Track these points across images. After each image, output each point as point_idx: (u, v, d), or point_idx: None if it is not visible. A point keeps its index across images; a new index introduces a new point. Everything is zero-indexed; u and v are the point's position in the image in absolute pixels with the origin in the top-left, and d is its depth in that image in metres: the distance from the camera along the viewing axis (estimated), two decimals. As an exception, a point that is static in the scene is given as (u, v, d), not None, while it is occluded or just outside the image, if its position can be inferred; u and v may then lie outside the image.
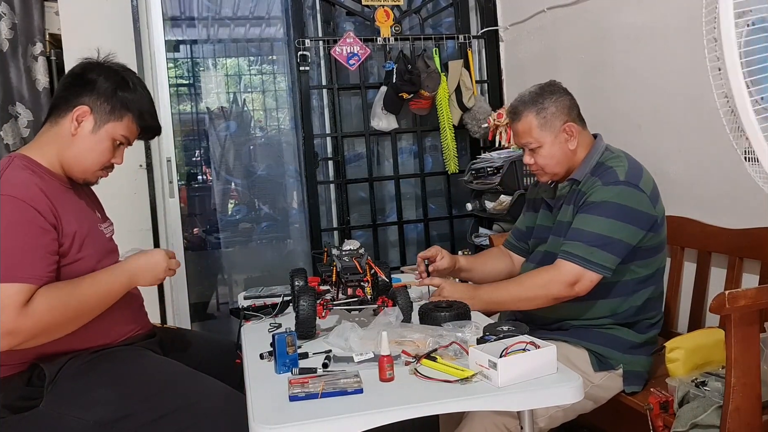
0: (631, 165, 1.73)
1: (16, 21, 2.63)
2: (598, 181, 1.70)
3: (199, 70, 3.77)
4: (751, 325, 1.43)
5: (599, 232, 1.64)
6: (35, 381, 1.40)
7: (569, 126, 1.76)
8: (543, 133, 1.76)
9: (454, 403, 1.18)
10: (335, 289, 1.65)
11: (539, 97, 1.78)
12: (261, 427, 1.09)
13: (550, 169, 1.79)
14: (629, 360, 1.74)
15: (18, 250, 1.30)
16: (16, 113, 2.66)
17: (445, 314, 1.54)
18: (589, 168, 1.76)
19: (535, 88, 1.83)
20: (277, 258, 3.63)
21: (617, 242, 1.64)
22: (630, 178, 1.68)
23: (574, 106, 1.81)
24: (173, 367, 1.51)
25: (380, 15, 3.15)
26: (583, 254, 1.63)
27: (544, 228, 1.86)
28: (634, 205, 1.66)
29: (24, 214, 1.33)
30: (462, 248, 3.25)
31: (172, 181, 2.81)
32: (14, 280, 1.27)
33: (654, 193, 1.72)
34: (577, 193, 1.75)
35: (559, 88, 1.82)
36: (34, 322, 1.29)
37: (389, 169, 3.36)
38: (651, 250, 1.73)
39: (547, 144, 1.77)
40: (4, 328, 1.25)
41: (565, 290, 1.65)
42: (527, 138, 1.79)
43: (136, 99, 1.54)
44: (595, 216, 1.66)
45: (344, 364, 1.32)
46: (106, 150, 1.51)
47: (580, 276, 1.63)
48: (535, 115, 1.76)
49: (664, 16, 2.21)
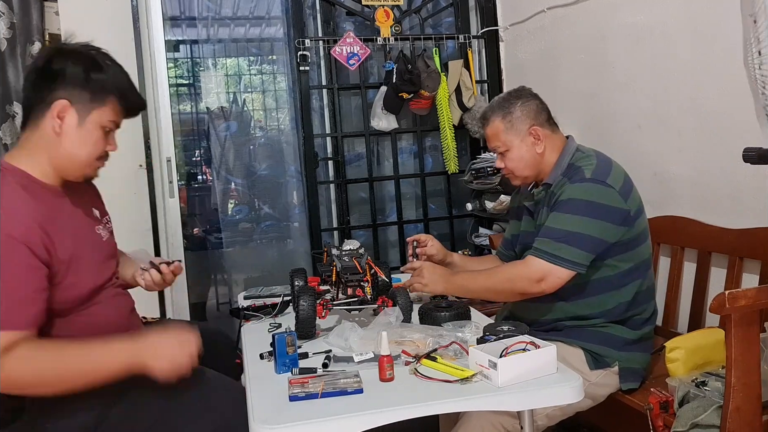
0: (599, 162, 1.75)
1: (14, 20, 2.62)
2: (568, 180, 1.73)
3: (199, 70, 3.78)
4: (751, 325, 1.43)
5: (567, 228, 1.65)
6: None
7: (534, 129, 1.80)
8: (509, 136, 1.81)
9: (454, 403, 1.18)
10: (335, 289, 1.65)
11: (506, 102, 1.83)
12: (261, 427, 1.10)
13: (519, 172, 1.84)
14: (625, 357, 1.75)
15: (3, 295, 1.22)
16: (14, 113, 2.65)
17: (445, 314, 1.54)
18: (561, 170, 1.78)
19: (504, 94, 1.90)
20: (277, 258, 3.63)
21: (586, 237, 1.65)
22: (597, 175, 1.70)
23: (542, 110, 1.84)
24: None
25: (380, 15, 3.15)
26: (550, 250, 1.65)
27: (528, 234, 1.89)
28: (602, 201, 1.67)
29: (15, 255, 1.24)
30: (462, 248, 3.25)
31: (172, 181, 2.81)
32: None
33: (625, 188, 1.73)
34: (551, 195, 1.77)
35: (526, 93, 1.86)
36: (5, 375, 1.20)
37: (389, 169, 3.36)
38: (628, 243, 1.74)
39: (515, 147, 1.81)
40: None
41: (531, 286, 1.66)
42: (495, 142, 1.84)
43: (112, 78, 1.41)
44: (563, 213, 1.68)
45: (344, 364, 1.33)
46: (97, 141, 1.40)
47: (547, 272, 1.64)
48: (501, 120, 1.82)
49: (664, 16, 2.21)
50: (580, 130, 2.71)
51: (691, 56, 2.12)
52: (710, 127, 2.07)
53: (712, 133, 2.07)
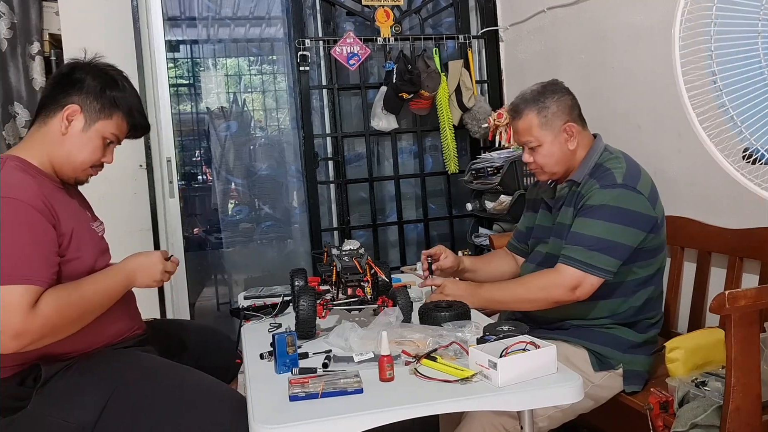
0: (629, 167, 1.73)
1: (15, 20, 2.63)
2: (596, 184, 1.70)
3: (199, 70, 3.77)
4: (751, 325, 1.43)
5: (599, 235, 1.64)
6: (29, 382, 1.40)
7: (570, 126, 1.76)
8: (543, 132, 1.76)
9: (454, 403, 1.18)
10: (335, 289, 1.65)
11: (541, 96, 1.77)
12: (261, 427, 1.09)
13: (549, 168, 1.79)
14: (629, 360, 1.74)
15: (21, 251, 1.30)
16: (15, 113, 2.65)
17: (445, 314, 1.54)
18: (588, 169, 1.75)
19: (537, 86, 1.82)
20: (277, 258, 3.63)
21: (617, 245, 1.64)
22: (628, 181, 1.68)
23: (575, 106, 1.80)
24: (160, 367, 1.50)
25: (380, 15, 3.15)
26: (583, 258, 1.63)
27: (544, 228, 1.86)
28: (633, 208, 1.66)
29: (25, 215, 1.33)
30: (462, 248, 3.24)
31: (172, 181, 2.81)
32: (20, 281, 1.27)
33: (653, 194, 1.72)
34: (576, 195, 1.75)
35: (561, 88, 1.81)
36: (43, 324, 1.29)
37: (389, 169, 3.36)
38: (652, 251, 1.73)
39: (547, 143, 1.76)
40: (12, 329, 1.25)
41: (566, 294, 1.65)
42: (527, 136, 1.78)
43: (125, 97, 1.54)
44: (594, 220, 1.66)
45: (344, 364, 1.32)
46: (96, 148, 1.51)
47: (581, 280, 1.64)
48: (536, 114, 1.76)
49: (664, 16, 2.21)
50: (580, 130, 2.72)
51: (691, 56, 2.12)
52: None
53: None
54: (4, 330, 1.25)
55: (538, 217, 1.91)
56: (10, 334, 1.26)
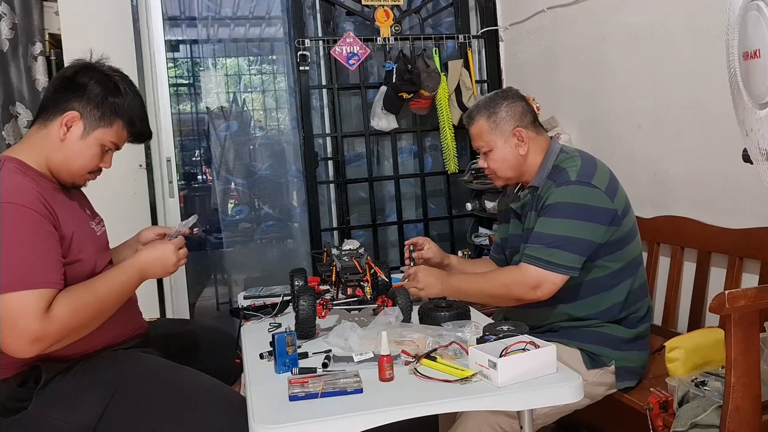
0: (584, 163, 1.75)
1: (16, 21, 2.63)
2: (553, 184, 1.73)
3: (199, 70, 3.77)
4: (751, 325, 1.43)
5: (557, 233, 1.65)
6: (29, 383, 1.40)
7: (518, 131, 1.80)
8: (493, 136, 1.81)
9: (453, 402, 1.18)
10: (335, 289, 1.65)
11: (492, 102, 1.83)
12: (261, 427, 1.10)
13: (501, 173, 1.84)
14: (621, 356, 1.75)
15: (29, 256, 1.29)
16: (16, 113, 2.66)
17: (445, 314, 1.54)
18: (546, 172, 1.78)
19: (491, 93, 1.90)
20: (277, 258, 3.63)
21: (577, 241, 1.65)
22: (582, 177, 1.70)
23: (527, 112, 1.84)
24: (160, 367, 1.50)
25: (380, 15, 3.15)
26: (543, 256, 1.65)
27: (516, 237, 1.89)
28: (589, 202, 1.67)
29: (28, 219, 1.32)
30: (462, 248, 3.25)
31: (172, 181, 2.81)
32: (32, 286, 1.27)
33: (611, 188, 1.73)
34: (537, 198, 1.78)
35: (513, 94, 1.86)
36: (60, 326, 1.29)
37: (389, 169, 3.36)
38: (618, 243, 1.74)
39: (498, 148, 1.81)
40: (31, 335, 1.25)
41: (527, 293, 1.66)
42: (479, 141, 1.85)
43: (127, 105, 1.51)
44: (551, 218, 1.68)
45: (344, 363, 1.33)
46: (94, 156, 1.49)
47: (542, 279, 1.65)
48: (486, 119, 1.82)
49: (664, 16, 2.21)
50: (580, 130, 2.72)
51: (691, 56, 2.12)
52: (710, 127, 2.07)
53: (711, 133, 2.07)
54: (23, 335, 1.25)
55: (510, 227, 1.94)
56: (29, 339, 1.26)
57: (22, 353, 1.27)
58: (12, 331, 1.26)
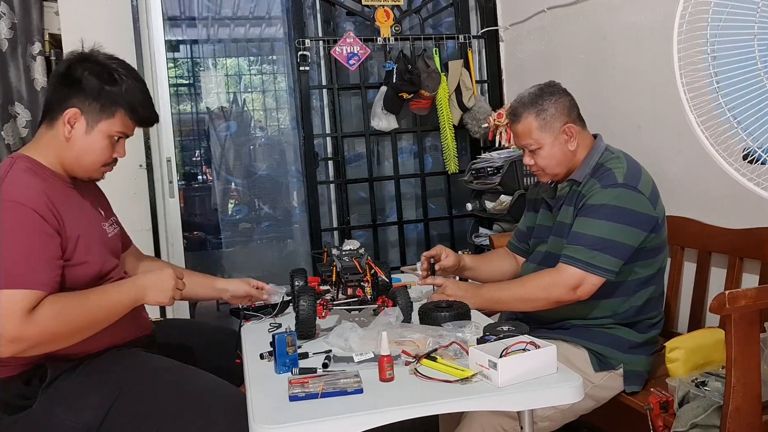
0: (630, 166, 1.73)
1: (15, 21, 2.63)
2: (597, 183, 1.70)
3: (199, 70, 3.78)
4: (751, 325, 1.43)
5: (600, 235, 1.64)
6: (34, 381, 1.40)
7: (569, 127, 1.76)
8: (542, 134, 1.76)
9: (453, 403, 1.18)
10: (335, 289, 1.65)
11: (539, 99, 1.78)
12: (261, 427, 1.09)
13: (550, 170, 1.80)
14: (630, 360, 1.74)
15: (22, 256, 1.28)
16: (15, 113, 2.66)
17: (445, 314, 1.53)
18: (589, 169, 1.76)
19: (534, 89, 1.82)
20: (277, 258, 3.63)
21: (618, 245, 1.64)
22: (629, 180, 1.68)
23: (573, 106, 1.80)
24: (165, 367, 1.50)
25: (380, 15, 3.15)
26: (585, 258, 1.63)
27: (544, 228, 1.87)
28: (634, 207, 1.66)
29: (27, 219, 1.31)
30: (462, 248, 3.25)
31: (172, 181, 2.81)
32: (18, 286, 1.26)
33: (653, 194, 1.72)
34: (577, 194, 1.75)
35: (558, 89, 1.81)
36: (39, 330, 1.27)
37: (389, 169, 3.36)
38: (653, 250, 1.73)
39: (547, 145, 1.76)
40: (7, 334, 1.24)
41: (567, 294, 1.65)
42: (527, 139, 1.79)
43: (125, 92, 1.47)
44: (595, 219, 1.66)
45: (344, 364, 1.32)
46: (104, 148, 1.48)
47: (582, 280, 1.63)
48: (535, 117, 1.76)
49: (664, 16, 2.21)
50: (580, 130, 2.72)
51: (691, 56, 2.12)
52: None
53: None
54: (2, 334, 1.24)
55: (539, 217, 1.91)
56: (6, 339, 1.24)
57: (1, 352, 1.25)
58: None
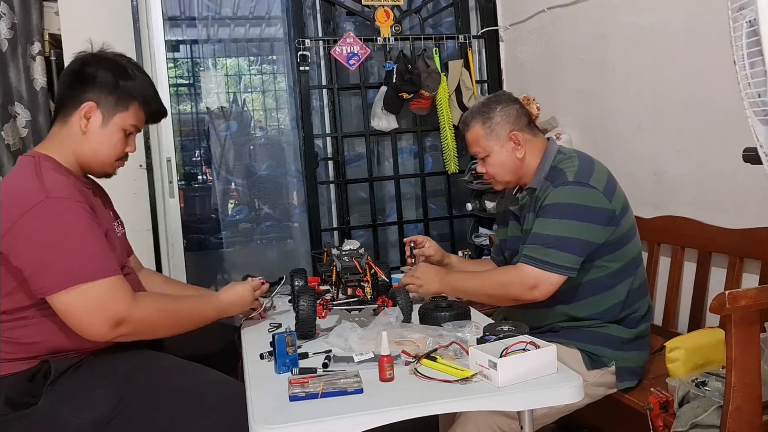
0: (581, 163, 1.75)
1: (15, 21, 2.63)
2: (551, 185, 1.73)
3: (199, 70, 3.77)
4: (751, 325, 1.43)
5: (554, 233, 1.65)
6: (39, 378, 1.40)
7: (515, 134, 1.80)
8: (489, 141, 1.82)
9: (454, 403, 1.18)
10: (335, 289, 1.65)
11: (486, 107, 1.83)
12: (261, 427, 1.10)
13: (500, 177, 1.84)
14: (621, 356, 1.75)
15: (96, 247, 1.36)
16: (15, 113, 2.65)
17: (445, 314, 1.54)
18: (544, 174, 1.78)
19: (485, 98, 1.89)
20: (277, 258, 3.63)
21: (574, 241, 1.65)
22: (579, 177, 1.70)
23: (522, 114, 1.84)
24: (171, 364, 1.50)
25: (380, 15, 3.15)
26: (540, 257, 1.64)
27: (515, 239, 1.89)
28: (587, 203, 1.67)
29: (81, 213, 1.37)
30: (462, 248, 3.25)
31: (172, 181, 2.81)
32: (111, 274, 1.33)
33: (609, 188, 1.72)
34: (535, 200, 1.78)
35: (507, 98, 1.86)
36: (145, 314, 1.37)
37: (389, 169, 3.36)
38: (617, 243, 1.73)
39: (495, 152, 1.82)
40: (118, 315, 1.32)
41: (525, 293, 1.66)
42: (476, 147, 1.85)
43: (139, 85, 1.55)
44: (549, 218, 1.68)
45: (344, 364, 1.33)
46: (119, 141, 1.53)
47: (539, 279, 1.64)
48: (482, 125, 1.82)
49: (664, 16, 2.21)
50: (580, 130, 2.72)
51: (691, 56, 2.12)
52: (710, 127, 2.07)
53: (712, 133, 2.07)
54: (111, 317, 1.31)
55: (510, 229, 1.94)
56: (115, 321, 1.32)
57: (105, 335, 1.32)
58: (101, 314, 1.31)
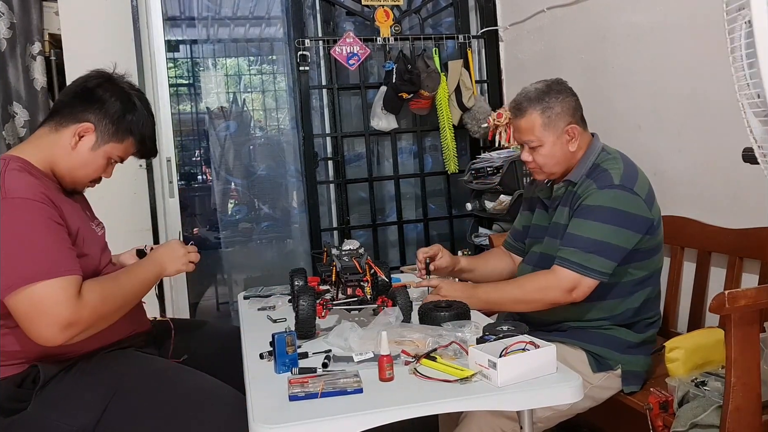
0: (626, 167, 1.72)
1: (14, 20, 2.63)
2: (594, 184, 1.69)
3: (199, 70, 3.78)
4: (751, 325, 1.43)
5: (595, 237, 1.63)
6: (27, 383, 1.39)
7: (572, 128, 1.74)
8: (545, 132, 1.73)
9: (453, 402, 1.18)
10: (335, 289, 1.65)
11: (545, 96, 1.74)
12: (261, 426, 1.09)
13: (548, 168, 1.78)
14: (627, 360, 1.74)
15: (52, 247, 1.33)
16: (14, 113, 2.65)
17: (445, 314, 1.53)
18: (586, 169, 1.74)
19: (541, 84, 1.78)
20: (277, 258, 3.63)
21: (613, 247, 1.63)
22: (625, 182, 1.67)
23: (578, 107, 1.78)
24: (161, 369, 1.50)
25: (380, 15, 3.15)
26: (579, 261, 1.63)
27: (540, 228, 1.86)
28: (630, 209, 1.65)
29: (41, 212, 1.34)
30: (462, 248, 3.25)
31: (172, 181, 2.81)
32: (60, 274, 1.30)
33: (650, 196, 1.71)
34: (573, 195, 1.74)
35: (565, 88, 1.79)
36: (91, 311, 1.33)
37: (389, 169, 3.36)
38: (648, 252, 1.72)
39: (549, 144, 1.74)
40: (64, 320, 1.28)
41: (563, 296, 1.65)
42: (529, 136, 1.76)
43: (142, 124, 1.55)
44: (590, 221, 1.65)
45: (344, 363, 1.32)
46: (99, 167, 1.54)
47: (577, 282, 1.63)
48: (540, 114, 1.73)
49: (664, 16, 2.21)
50: (580, 130, 2.72)
51: (691, 56, 2.12)
52: (710, 127, 2.07)
53: (712, 133, 2.07)
54: (56, 322, 1.28)
55: (535, 217, 1.90)
56: (62, 325, 1.28)
57: (53, 340, 1.29)
58: (44, 319, 1.28)
